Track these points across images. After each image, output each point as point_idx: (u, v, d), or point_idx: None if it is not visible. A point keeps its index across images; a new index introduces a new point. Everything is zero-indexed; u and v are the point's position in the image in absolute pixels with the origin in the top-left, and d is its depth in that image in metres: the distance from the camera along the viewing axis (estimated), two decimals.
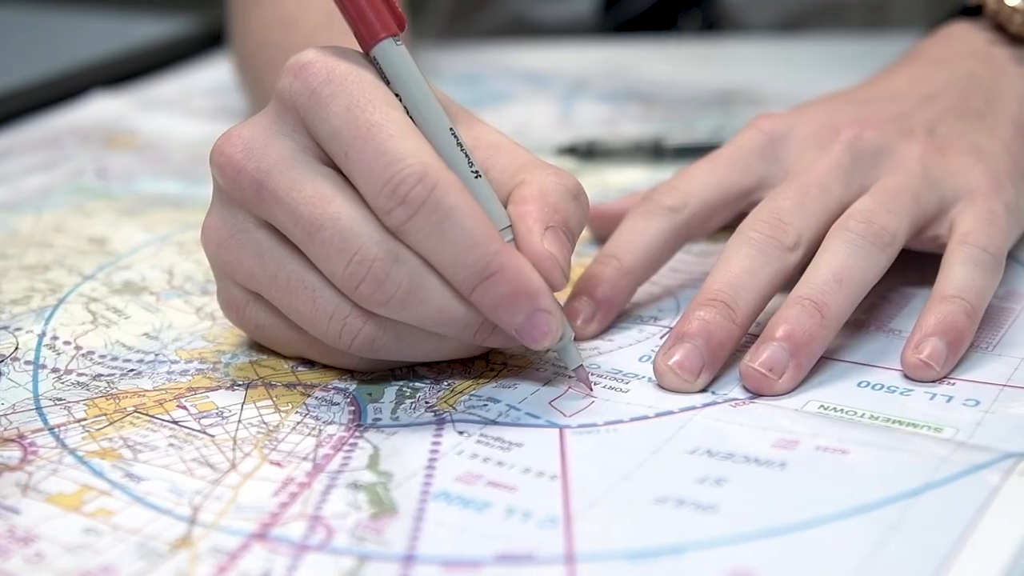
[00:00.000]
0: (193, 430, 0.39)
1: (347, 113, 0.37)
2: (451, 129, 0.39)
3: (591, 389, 0.40)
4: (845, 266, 0.41)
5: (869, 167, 0.45)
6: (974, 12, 0.54)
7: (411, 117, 0.38)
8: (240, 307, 0.42)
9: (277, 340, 0.42)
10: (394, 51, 0.39)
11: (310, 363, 0.43)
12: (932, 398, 0.40)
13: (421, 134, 0.38)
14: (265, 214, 0.39)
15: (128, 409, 0.40)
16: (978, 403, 0.39)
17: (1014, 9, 0.52)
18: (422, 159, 0.37)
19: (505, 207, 0.40)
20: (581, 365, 0.40)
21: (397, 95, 0.39)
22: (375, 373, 0.42)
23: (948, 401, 0.39)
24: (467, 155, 0.39)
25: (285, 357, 0.43)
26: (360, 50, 0.39)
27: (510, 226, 0.39)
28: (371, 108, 0.37)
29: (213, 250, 0.41)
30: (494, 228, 0.37)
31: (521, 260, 0.38)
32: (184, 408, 0.40)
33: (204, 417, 0.40)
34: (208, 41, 0.86)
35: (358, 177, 0.37)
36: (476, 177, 0.39)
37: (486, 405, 0.40)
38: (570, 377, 0.41)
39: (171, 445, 0.38)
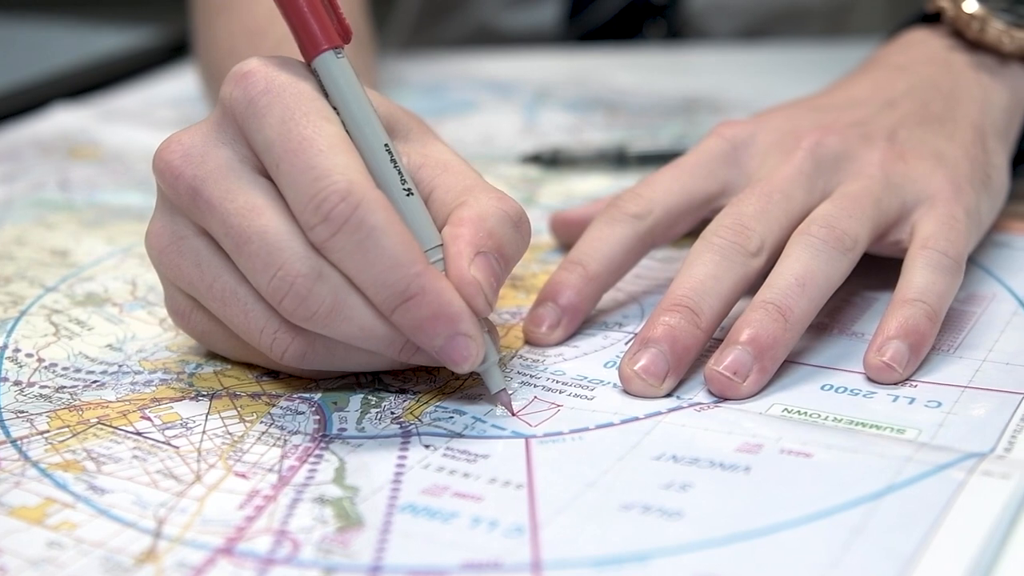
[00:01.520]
0: (157, 441, 0.39)
1: (281, 125, 0.37)
2: (387, 145, 0.38)
3: (513, 413, 0.40)
4: (808, 270, 0.42)
5: (831, 173, 0.46)
6: (933, 19, 0.54)
7: (348, 131, 0.38)
8: (185, 313, 0.42)
9: (222, 347, 0.42)
10: (334, 64, 0.38)
11: (275, 373, 0.43)
12: (895, 400, 0.40)
13: (353, 150, 0.37)
14: (201, 222, 0.39)
15: (91, 420, 0.40)
16: (940, 404, 0.40)
17: (972, 16, 0.52)
18: (348, 176, 0.36)
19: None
20: (503, 389, 0.40)
21: (336, 108, 0.38)
22: (334, 379, 0.42)
23: (910, 403, 0.40)
24: (400, 172, 0.38)
25: (250, 367, 0.43)
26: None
27: (441, 246, 0.39)
28: (304, 121, 0.37)
29: (156, 256, 0.41)
30: (418, 249, 0.37)
31: (442, 283, 0.37)
32: (148, 419, 0.40)
33: (168, 428, 0.39)
34: (171, 52, 0.86)
35: (287, 190, 0.37)
36: (408, 195, 0.38)
37: (452, 417, 0.40)
38: (526, 384, 0.41)
39: (135, 457, 0.38)
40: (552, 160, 0.64)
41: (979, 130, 0.49)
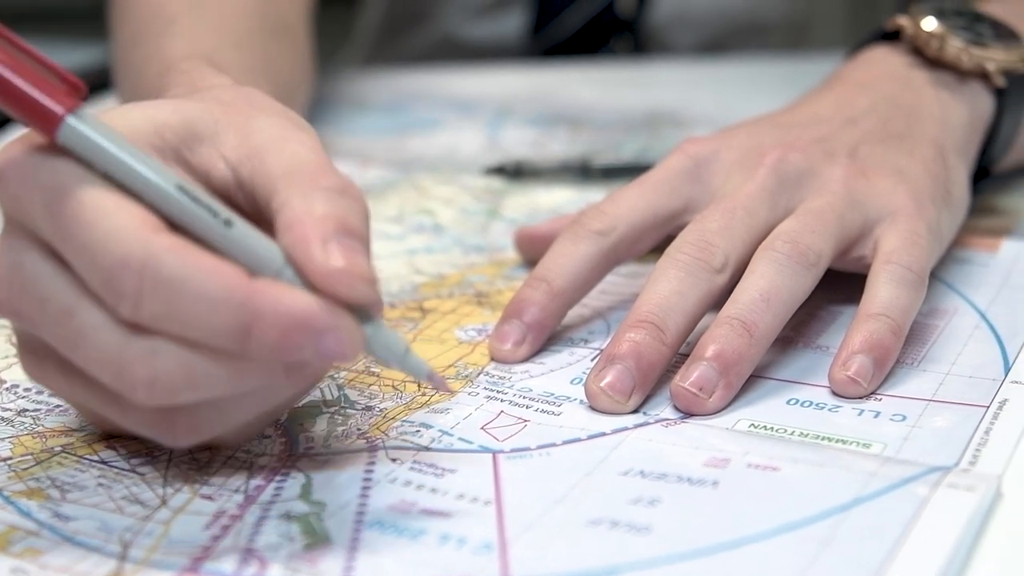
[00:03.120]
0: (122, 469, 0.38)
1: (49, 214, 0.34)
2: (179, 186, 0.34)
3: (450, 391, 0.39)
4: (772, 286, 0.42)
5: (794, 189, 0.46)
6: (893, 36, 0.55)
7: (131, 190, 0.34)
8: (98, 419, 0.39)
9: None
10: (80, 129, 0.33)
11: None
12: (860, 414, 0.40)
13: (126, 205, 0.33)
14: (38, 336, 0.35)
15: (55, 448, 0.39)
16: (905, 418, 0.40)
17: (931, 34, 0.53)
18: (122, 240, 0.32)
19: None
20: (431, 373, 0.36)
21: (107, 173, 0.34)
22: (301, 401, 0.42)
23: (876, 417, 0.40)
24: (208, 206, 0.34)
25: None
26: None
27: (286, 261, 0.34)
28: (68, 204, 0.33)
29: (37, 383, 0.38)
30: (234, 275, 0.33)
31: (275, 293, 0.33)
32: (113, 449, 0.39)
33: (133, 457, 0.39)
34: None
35: (84, 280, 0.34)
36: (228, 226, 0.34)
37: (418, 431, 0.40)
38: (493, 399, 0.41)
39: (100, 484, 0.37)
40: (516, 172, 0.64)
41: (939, 147, 0.50)
